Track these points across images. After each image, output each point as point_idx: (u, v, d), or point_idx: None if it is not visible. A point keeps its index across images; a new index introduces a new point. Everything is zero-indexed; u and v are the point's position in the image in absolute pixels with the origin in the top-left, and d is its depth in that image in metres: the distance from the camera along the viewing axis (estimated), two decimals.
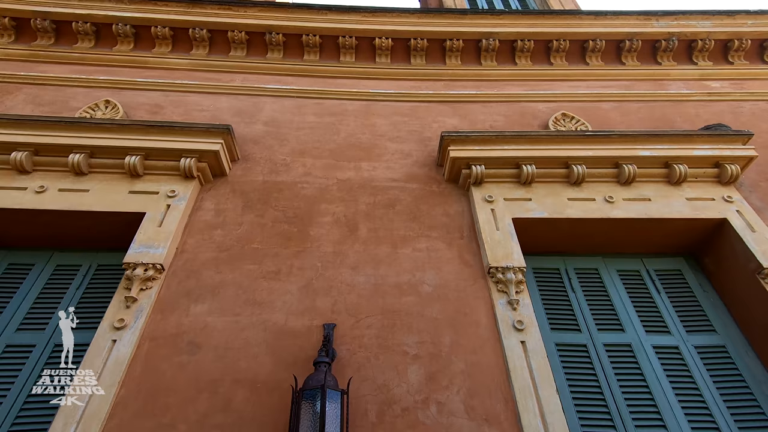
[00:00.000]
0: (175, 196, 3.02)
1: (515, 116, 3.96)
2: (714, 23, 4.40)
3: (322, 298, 2.66)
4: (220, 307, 2.56)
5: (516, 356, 2.36)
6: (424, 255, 2.91)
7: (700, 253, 3.18)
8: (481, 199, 3.08)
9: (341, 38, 4.41)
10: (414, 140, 3.75)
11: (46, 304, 2.78)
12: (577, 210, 3.03)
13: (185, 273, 2.72)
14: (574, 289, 3.00)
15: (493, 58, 4.47)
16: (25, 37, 4.26)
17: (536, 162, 3.16)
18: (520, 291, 2.63)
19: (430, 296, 2.69)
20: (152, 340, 2.40)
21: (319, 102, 4.09)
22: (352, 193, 3.31)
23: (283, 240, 2.97)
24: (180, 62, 4.28)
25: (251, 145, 3.62)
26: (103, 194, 2.97)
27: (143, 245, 2.71)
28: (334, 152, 3.62)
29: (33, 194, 2.92)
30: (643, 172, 3.18)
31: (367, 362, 2.38)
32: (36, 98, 3.80)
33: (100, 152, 3.08)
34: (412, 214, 3.16)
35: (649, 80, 4.37)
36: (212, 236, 2.94)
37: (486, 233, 2.88)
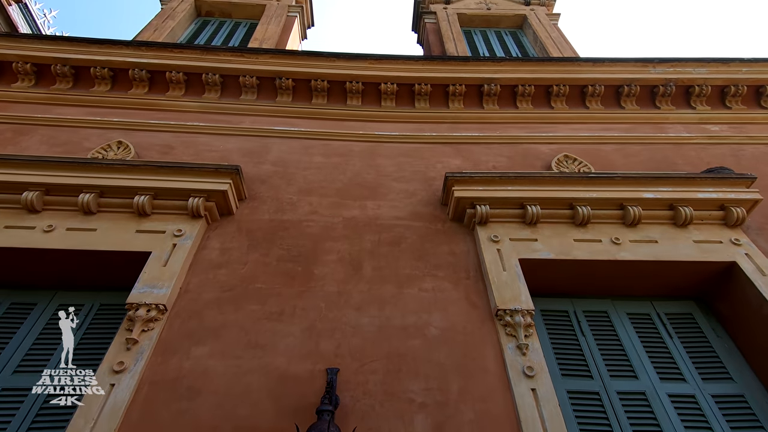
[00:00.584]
0: (182, 235, 3.03)
1: (518, 157, 4.02)
2: (709, 70, 4.55)
3: (326, 341, 2.61)
4: (222, 350, 2.51)
5: (527, 405, 2.27)
6: (431, 295, 2.87)
7: (711, 297, 3.12)
8: (487, 239, 3.07)
9: (348, 83, 4.58)
10: (418, 180, 3.80)
11: (46, 345, 2.74)
12: (584, 251, 3.01)
13: (188, 314, 2.68)
14: (584, 333, 2.93)
15: (494, 102, 4.60)
16: (45, 82, 4.45)
17: (541, 203, 3.17)
18: (529, 335, 2.57)
19: (436, 339, 2.62)
20: (151, 384, 2.33)
21: (326, 143, 4.19)
22: (358, 231, 3.31)
23: (287, 279, 2.95)
24: (192, 105, 4.43)
25: (259, 184, 3.67)
26: (110, 233, 2.99)
27: (147, 285, 2.69)
28: (340, 191, 3.67)
29: (41, 233, 2.94)
30: (649, 214, 3.19)
31: (372, 410, 2.29)
32: (51, 139, 3.92)
33: (110, 192, 3.13)
34: (418, 253, 3.15)
35: (648, 123, 4.46)
36: (216, 276, 2.92)
37: (493, 274, 2.85)
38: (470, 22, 6.89)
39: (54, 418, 2.39)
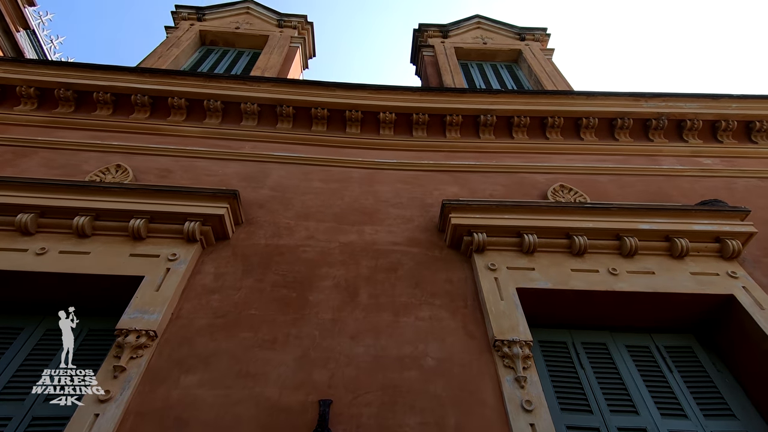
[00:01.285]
0: (176, 259, 3.00)
1: (514, 186, 4.06)
2: (700, 105, 4.67)
3: (319, 371, 2.54)
4: (212, 379, 2.43)
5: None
6: (427, 324, 2.82)
7: (710, 331, 3.09)
8: (484, 267, 3.06)
9: (348, 112, 4.66)
10: (416, 206, 3.81)
11: (30, 372, 2.65)
12: (582, 281, 2.99)
13: (178, 340, 2.62)
14: (583, 366, 2.87)
15: (491, 132, 4.68)
16: (47, 105, 4.50)
17: (537, 232, 3.18)
18: (528, 367, 2.51)
19: (433, 371, 2.56)
20: (137, 415, 2.25)
21: (325, 169, 4.22)
22: (354, 257, 3.29)
23: (282, 306, 2.90)
24: (192, 130, 4.48)
25: (256, 209, 3.67)
26: (103, 257, 2.96)
27: (138, 310, 2.64)
28: (338, 216, 3.67)
29: (33, 256, 2.91)
30: (645, 245, 3.19)
31: None
32: (50, 162, 3.93)
33: (105, 215, 3.12)
34: (415, 280, 3.12)
35: (642, 155, 4.53)
36: (209, 301, 2.87)
37: (490, 303, 2.82)
38: (467, 55, 7.10)
39: None
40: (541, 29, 7.43)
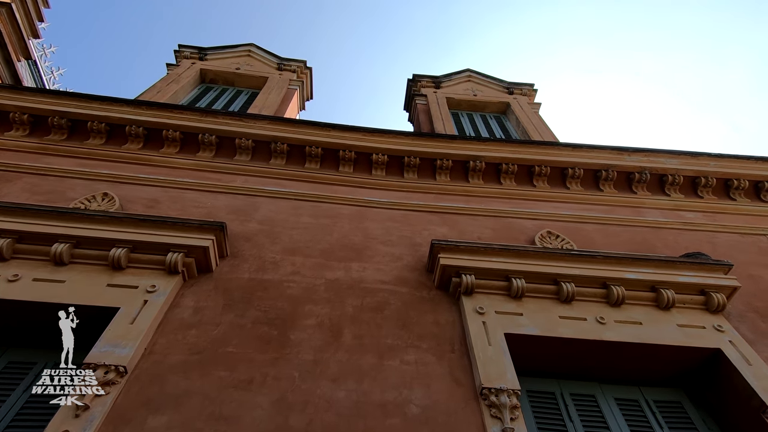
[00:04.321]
0: (155, 291, 2.90)
1: (502, 230, 4.09)
2: (680, 161, 4.86)
3: (296, 416, 2.40)
4: (181, 421, 2.28)
5: None
6: (413, 369, 2.72)
7: (699, 385, 3.03)
8: (472, 310, 3.00)
9: (342, 152, 4.73)
10: (405, 245, 3.80)
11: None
12: (570, 329, 2.95)
13: (149, 378, 2.47)
14: (572, 419, 2.77)
15: (479, 177, 4.77)
16: (40, 132, 4.49)
17: (525, 276, 3.17)
18: (515, 418, 2.41)
19: (417, 419, 2.44)
20: None
21: (315, 205, 4.22)
22: (340, 295, 3.22)
23: (261, 344, 2.78)
24: (184, 162, 4.48)
25: (243, 242, 3.62)
26: (79, 286, 2.84)
27: (109, 344, 2.50)
28: (325, 252, 3.62)
29: (4, 282, 2.79)
30: (632, 294, 3.19)
31: None
32: (34, 187, 3.86)
33: (86, 243, 3.03)
34: (401, 321, 3.04)
35: (627, 206, 4.64)
36: (186, 337, 2.75)
37: (478, 348, 2.75)
38: (458, 105, 7.39)
39: None
40: (529, 84, 7.81)
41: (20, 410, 2.47)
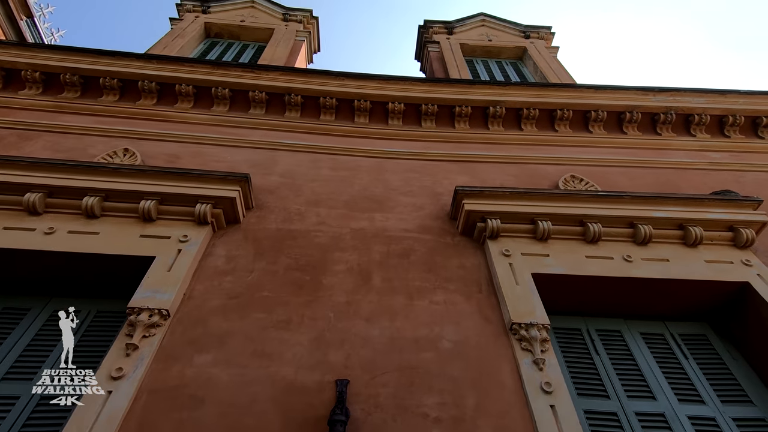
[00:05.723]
0: (187, 241, 2.96)
1: (525, 176, 4.04)
2: (707, 100, 4.68)
3: (335, 352, 2.50)
4: (226, 358, 2.39)
5: (546, 422, 2.16)
6: (442, 308, 2.79)
7: (725, 318, 3.08)
8: (499, 253, 3.03)
9: (356, 101, 4.63)
10: (426, 195, 3.79)
11: (38, 352, 2.59)
12: (597, 267, 2.98)
13: (191, 320, 2.57)
14: (599, 352, 2.85)
15: (499, 124, 4.67)
16: (53, 90, 4.44)
17: (552, 218, 3.16)
18: (546, 350, 2.48)
19: (450, 353, 2.53)
20: (151, 392, 2.19)
21: (334, 158, 4.19)
22: (366, 243, 3.26)
23: (295, 288, 2.86)
24: (200, 117, 4.43)
25: (266, 194, 3.63)
26: (113, 237, 2.90)
27: (150, 290, 2.59)
28: (348, 203, 3.64)
29: (41, 235, 2.85)
30: (659, 233, 3.18)
31: (384, 424, 2.17)
32: (55, 145, 3.87)
33: (115, 196, 3.07)
34: (428, 265, 3.09)
35: (651, 149, 4.54)
36: (222, 283, 2.83)
37: (506, 287, 2.80)
38: (472, 52, 7.11)
39: (44, 429, 2.23)
40: (546, 27, 7.46)
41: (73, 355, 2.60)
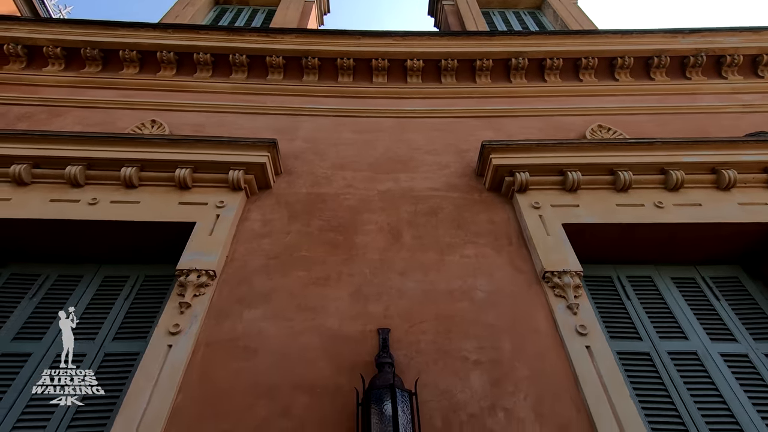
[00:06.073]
0: (224, 206, 3.05)
1: (550, 129, 3.99)
2: (741, 39, 4.47)
3: (374, 304, 2.62)
4: (274, 313, 2.53)
5: (583, 362, 2.26)
6: (473, 261, 2.86)
7: (758, 260, 3.08)
8: (528, 206, 3.06)
9: (374, 60, 4.56)
10: (450, 152, 3.79)
11: (96, 313, 2.77)
12: (627, 215, 2.98)
13: (237, 280, 2.70)
14: (630, 297, 2.91)
15: (522, 76, 4.56)
16: (74, 66, 4.48)
17: (581, 169, 3.15)
18: (579, 295, 2.55)
19: (484, 302, 2.62)
20: (207, 345, 2.35)
21: (355, 120, 4.18)
22: (394, 203, 3.31)
23: (330, 248, 2.96)
24: (220, 86, 4.44)
25: (292, 160, 3.68)
26: (153, 205, 3.01)
27: (195, 252, 2.71)
28: (373, 165, 3.67)
29: (86, 206, 2.98)
30: (691, 178, 3.15)
31: (426, 367, 2.30)
32: (84, 120, 3.95)
33: (151, 166, 3.16)
34: (456, 222, 3.14)
35: (680, 94, 4.40)
36: (261, 245, 2.94)
37: (537, 238, 2.84)
38: (488, 3, 6.83)
39: (113, 380, 2.43)
40: None
41: (126, 316, 2.78)
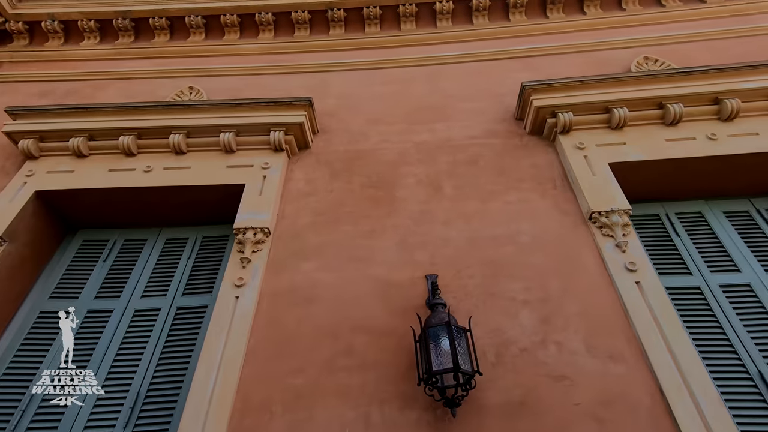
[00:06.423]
0: (268, 167, 3.16)
1: (592, 65, 3.79)
2: None
3: (420, 252, 2.71)
4: (327, 264, 2.67)
5: (633, 297, 2.30)
6: (517, 207, 2.88)
7: None
8: (572, 147, 3.00)
9: (401, 6, 4.39)
10: (487, 98, 3.70)
11: (163, 272, 3.02)
12: (677, 150, 2.89)
13: (289, 236, 2.85)
14: (679, 234, 2.87)
15: (559, 10, 4.30)
16: (109, 38, 4.56)
17: (627, 104, 3.03)
18: (627, 233, 2.55)
19: (529, 245, 2.67)
20: (270, 295, 2.54)
21: (386, 72, 4.12)
22: (431, 154, 3.32)
23: (373, 203, 3.03)
24: (249, 47, 4.43)
25: (327, 118, 3.71)
26: (203, 169, 3.16)
27: (249, 212, 2.86)
28: (407, 117, 3.65)
29: (142, 174, 3.15)
30: (748, 106, 2.98)
31: (476, 309, 2.41)
32: (126, 91, 4.07)
33: (196, 132, 3.27)
34: (497, 169, 3.13)
35: (734, 16, 4.05)
36: (307, 203, 3.05)
37: (582, 179, 2.81)
38: None
39: (185, 332, 2.69)
40: None
41: (190, 273, 3.01)
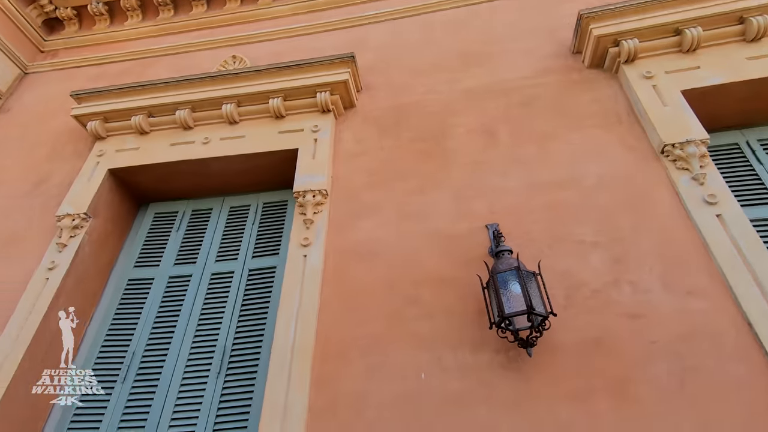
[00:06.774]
0: (318, 130, 3.18)
1: None
2: None
3: (478, 203, 2.67)
4: (385, 221, 2.70)
5: (713, 230, 2.18)
6: (579, 147, 2.75)
7: None
8: (638, 77, 2.78)
9: None
10: (538, 34, 3.47)
11: (232, 238, 3.19)
12: (763, 68, 2.60)
13: (345, 196, 2.90)
14: (762, 162, 2.64)
15: None
16: (150, 15, 4.64)
17: (702, 23, 2.73)
18: (705, 165, 2.38)
19: (594, 186, 2.56)
20: (335, 253, 2.63)
21: (423, 18, 3.94)
22: (480, 101, 3.19)
23: (424, 157, 2.99)
24: (284, 9, 4.36)
25: (368, 73, 3.63)
26: (257, 137, 3.24)
27: (306, 176, 2.93)
28: (452, 64, 3.50)
29: (201, 145, 3.28)
30: None
31: (541, 253, 2.36)
32: (173, 66, 4.16)
33: (246, 100, 3.32)
34: (555, 109, 2.98)
35: None
36: (359, 163, 3.06)
37: (652, 111, 2.61)
38: None
39: (259, 289, 2.87)
40: None
41: (257, 238, 3.16)
